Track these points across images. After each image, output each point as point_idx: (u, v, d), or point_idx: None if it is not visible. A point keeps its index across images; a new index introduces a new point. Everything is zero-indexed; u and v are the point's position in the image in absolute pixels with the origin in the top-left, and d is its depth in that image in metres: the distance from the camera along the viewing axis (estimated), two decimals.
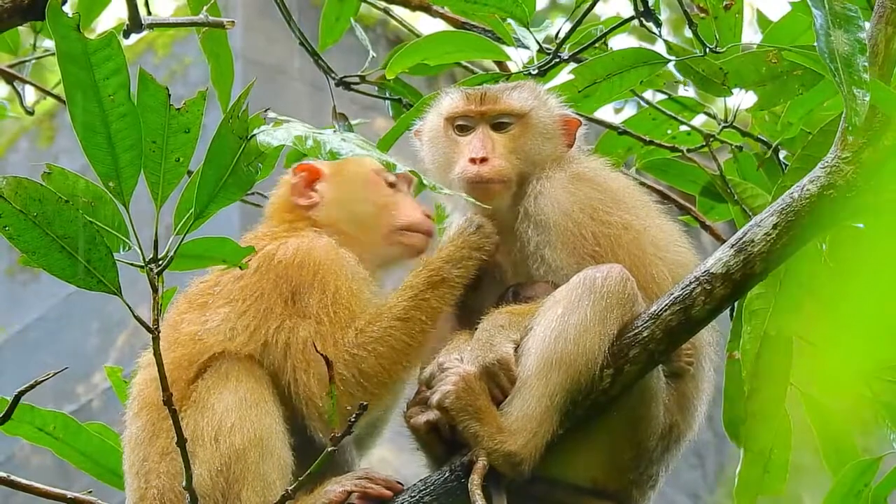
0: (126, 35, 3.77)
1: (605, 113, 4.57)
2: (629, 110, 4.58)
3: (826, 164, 3.34)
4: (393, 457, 7.12)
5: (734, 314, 3.80)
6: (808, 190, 3.33)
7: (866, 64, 3.32)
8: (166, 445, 3.59)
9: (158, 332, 3.23)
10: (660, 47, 4.09)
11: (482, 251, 3.65)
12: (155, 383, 3.63)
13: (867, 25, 3.43)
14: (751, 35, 4.29)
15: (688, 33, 4.07)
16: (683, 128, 4.43)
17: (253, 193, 4.14)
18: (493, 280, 3.74)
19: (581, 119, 3.83)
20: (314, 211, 3.88)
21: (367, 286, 3.69)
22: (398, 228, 3.86)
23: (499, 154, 3.71)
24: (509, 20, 4.18)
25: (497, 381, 3.50)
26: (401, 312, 3.60)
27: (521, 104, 3.76)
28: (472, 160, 3.69)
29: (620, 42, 4.24)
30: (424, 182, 3.44)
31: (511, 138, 3.74)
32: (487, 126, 3.76)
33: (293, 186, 3.92)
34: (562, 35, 4.20)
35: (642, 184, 4.04)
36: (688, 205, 4.47)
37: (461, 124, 3.77)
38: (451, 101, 3.80)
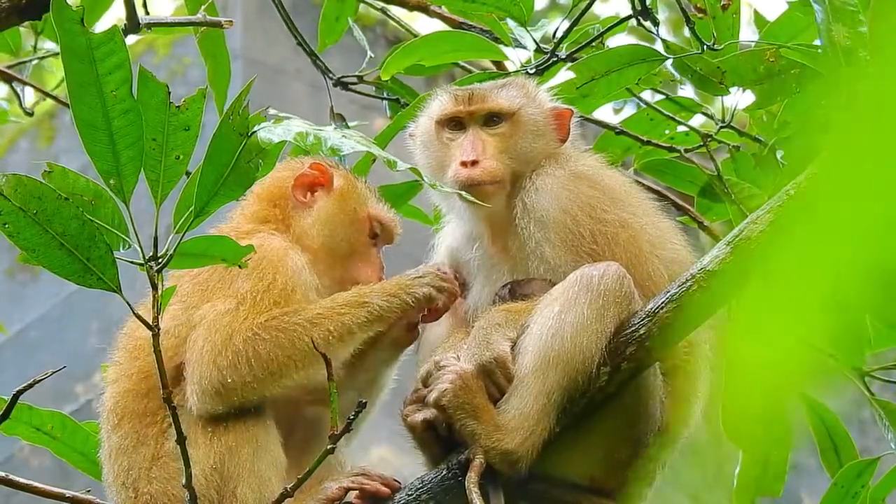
0: (124, 35, 3.77)
1: (605, 114, 4.57)
2: (629, 111, 4.58)
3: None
4: (393, 457, 7.13)
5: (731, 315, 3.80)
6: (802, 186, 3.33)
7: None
8: (155, 451, 3.58)
9: (159, 330, 3.24)
10: (658, 47, 4.09)
11: (412, 296, 3.61)
12: (132, 395, 3.62)
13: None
14: (749, 35, 4.29)
15: (687, 33, 4.08)
16: (681, 128, 4.43)
17: None
18: (489, 278, 3.75)
19: (573, 109, 3.83)
20: (298, 212, 3.84)
21: (304, 288, 3.65)
22: (353, 280, 3.79)
23: (490, 155, 3.71)
24: (507, 20, 4.18)
25: (494, 380, 3.50)
26: (313, 316, 3.56)
27: (509, 102, 3.76)
28: (464, 163, 3.69)
29: (620, 42, 4.23)
30: (426, 181, 3.44)
31: (502, 138, 3.74)
32: (478, 126, 3.75)
33: (300, 177, 3.86)
34: (559, 34, 4.20)
35: (639, 183, 4.04)
36: (686, 205, 4.47)
37: (452, 126, 3.77)
38: (440, 103, 3.80)
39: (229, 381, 3.49)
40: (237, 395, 3.51)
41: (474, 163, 3.68)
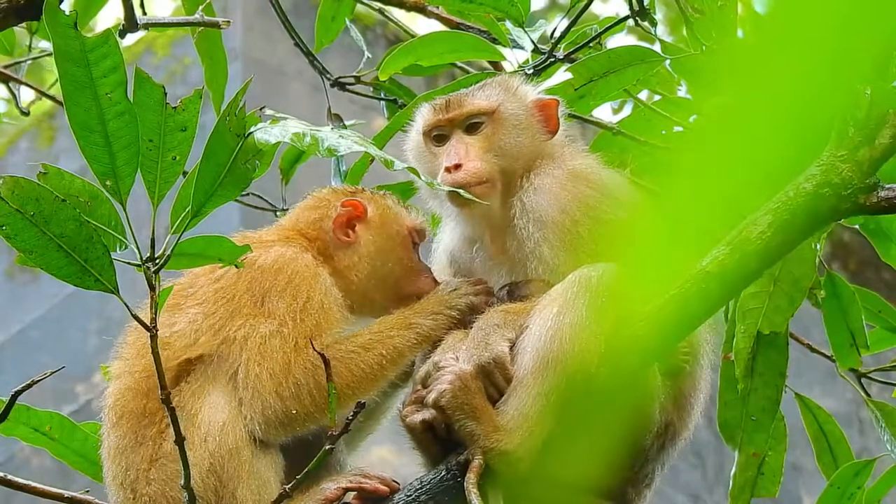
0: (122, 35, 3.78)
1: (605, 114, 4.57)
2: (628, 111, 4.58)
3: (822, 162, 3.33)
4: (393, 457, 7.13)
5: (729, 316, 3.81)
6: (803, 188, 3.32)
7: None
8: (153, 452, 3.58)
9: (156, 331, 3.24)
10: (657, 47, 4.09)
11: (454, 309, 3.66)
12: (132, 392, 3.62)
13: None
14: None
15: (685, 33, 4.08)
16: (678, 128, 4.42)
17: (247, 194, 4.16)
18: (488, 279, 3.75)
19: (558, 99, 3.82)
20: (341, 250, 3.82)
21: (338, 307, 3.68)
22: (413, 295, 3.80)
23: (473, 156, 3.71)
24: (504, 20, 4.18)
25: (493, 380, 3.50)
26: (365, 342, 3.61)
27: (487, 101, 3.77)
28: (448, 169, 3.70)
29: (620, 43, 4.24)
30: (423, 179, 3.45)
31: (485, 138, 3.75)
32: (461, 131, 3.76)
33: (338, 219, 3.82)
34: (557, 35, 4.20)
35: (636, 183, 4.04)
36: None
37: (437, 135, 3.78)
38: (422, 115, 3.82)
39: (293, 411, 3.53)
40: (300, 425, 3.56)
41: (458, 167, 3.69)
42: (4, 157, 9.12)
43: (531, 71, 4.17)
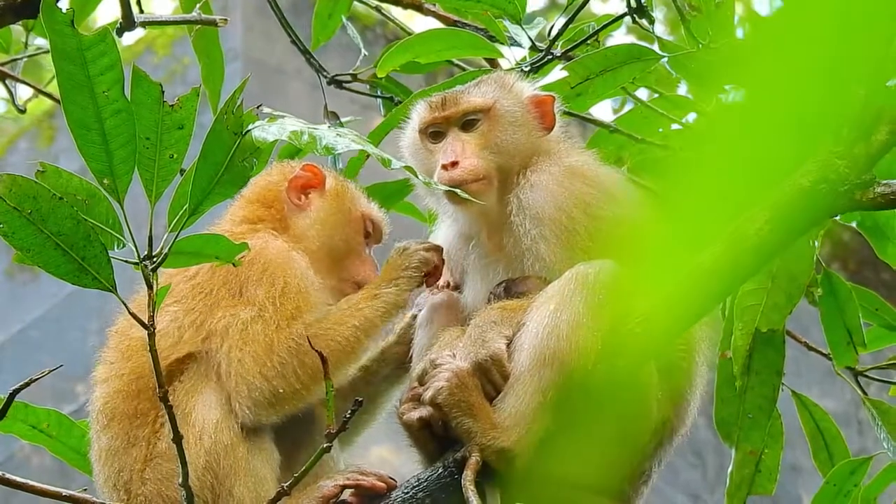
0: (119, 33, 3.78)
1: (603, 112, 4.58)
2: (628, 109, 4.58)
3: (818, 159, 3.33)
4: (392, 456, 7.13)
5: (726, 313, 3.81)
6: (799, 184, 3.32)
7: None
8: (147, 452, 3.58)
9: (154, 329, 3.24)
10: (655, 46, 4.10)
11: (410, 268, 3.71)
12: (122, 395, 3.63)
13: None
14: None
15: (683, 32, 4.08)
16: (675, 126, 4.43)
17: None
18: (485, 276, 3.75)
19: (554, 95, 3.83)
20: (294, 214, 3.88)
21: (314, 289, 3.72)
22: (351, 279, 3.88)
23: (469, 154, 3.72)
24: (502, 18, 4.18)
25: (490, 378, 3.50)
26: (337, 318, 3.65)
27: (483, 99, 3.77)
28: (444, 166, 3.70)
29: (620, 42, 4.24)
30: (420, 178, 3.45)
31: (481, 135, 3.75)
32: (457, 129, 3.77)
33: (294, 180, 3.90)
34: (554, 32, 4.20)
35: (633, 181, 4.04)
36: None
37: (433, 132, 3.79)
38: (417, 113, 3.83)
39: (280, 390, 3.55)
40: (288, 403, 3.57)
41: (454, 164, 3.70)
42: (4, 157, 9.13)
43: (528, 68, 4.17)
